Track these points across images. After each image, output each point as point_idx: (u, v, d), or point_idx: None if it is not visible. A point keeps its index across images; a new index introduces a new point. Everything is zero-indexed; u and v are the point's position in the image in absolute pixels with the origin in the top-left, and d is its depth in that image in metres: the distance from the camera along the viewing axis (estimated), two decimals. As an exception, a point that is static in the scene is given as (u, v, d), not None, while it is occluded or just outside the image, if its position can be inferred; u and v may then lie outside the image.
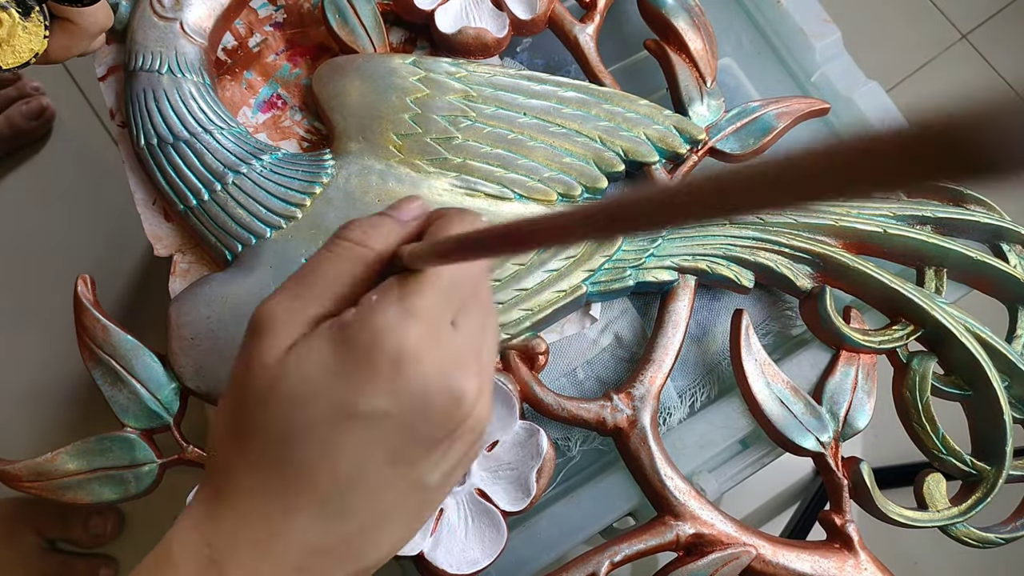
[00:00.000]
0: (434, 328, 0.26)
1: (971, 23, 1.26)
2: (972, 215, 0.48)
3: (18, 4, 0.36)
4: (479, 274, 0.29)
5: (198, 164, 0.43)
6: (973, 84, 1.23)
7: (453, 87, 0.46)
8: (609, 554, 0.41)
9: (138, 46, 0.44)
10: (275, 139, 0.48)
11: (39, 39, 0.37)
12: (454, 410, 0.26)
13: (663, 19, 0.50)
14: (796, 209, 0.47)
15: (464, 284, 0.28)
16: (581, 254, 0.44)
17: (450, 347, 0.26)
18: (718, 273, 0.46)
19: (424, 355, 0.25)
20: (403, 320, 0.25)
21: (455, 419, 0.27)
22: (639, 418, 0.43)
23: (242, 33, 0.49)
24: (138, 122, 0.44)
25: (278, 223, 0.43)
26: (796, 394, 0.44)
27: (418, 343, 0.25)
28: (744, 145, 0.49)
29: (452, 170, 0.45)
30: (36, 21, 0.36)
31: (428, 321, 0.26)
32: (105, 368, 0.41)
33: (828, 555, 0.43)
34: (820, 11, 0.54)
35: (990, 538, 0.45)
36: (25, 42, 0.36)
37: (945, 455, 0.45)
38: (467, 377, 0.27)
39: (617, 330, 0.47)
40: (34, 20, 0.36)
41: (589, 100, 0.47)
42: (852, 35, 0.54)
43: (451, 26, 0.48)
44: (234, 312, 0.41)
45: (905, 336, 0.46)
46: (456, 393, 0.26)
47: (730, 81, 0.54)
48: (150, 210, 0.46)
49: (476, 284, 0.28)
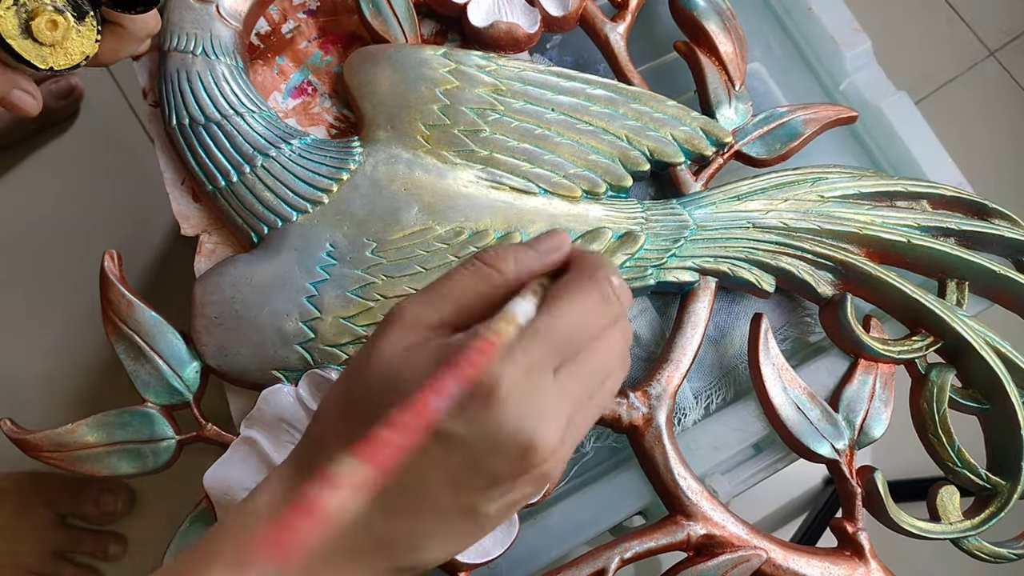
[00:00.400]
0: (530, 374, 0.27)
1: (999, 41, 1.25)
2: (996, 229, 0.48)
3: (74, 8, 0.36)
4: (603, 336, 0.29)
5: (228, 146, 0.44)
6: (1000, 102, 1.23)
7: (483, 80, 0.46)
8: (619, 551, 0.41)
9: (173, 26, 0.45)
10: (304, 125, 0.48)
11: (91, 43, 0.37)
12: (523, 457, 0.27)
13: (694, 21, 0.50)
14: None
15: (578, 342, 0.28)
16: (604, 251, 0.44)
17: (540, 397, 0.27)
18: (739, 276, 0.46)
19: (511, 398, 0.26)
20: (503, 360, 0.26)
21: (523, 465, 0.27)
22: (655, 417, 0.43)
23: (276, 19, 0.50)
24: (170, 102, 0.44)
25: (304, 207, 0.43)
26: (813, 400, 0.44)
27: (509, 385, 0.26)
28: (771, 150, 0.49)
29: (478, 162, 0.45)
30: (89, 25, 0.37)
31: (526, 367, 0.26)
32: (128, 343, 0.42)
33: (839, 562, 0.43)
34: (851, 20, 0.54)
35: (1003, 553, 0.45)
36: (78, 45, 0.37)
37: (960, 468, 0.45)
38: (546, 429, 0.27)
39: (636, 328, 0.47)
40: (88, 24, 0.37)
41: (617, 99, 0.47)
42: (879, 47, 0.54)
43: (483, 20, 0.48)
44: (258, 293, 0.42)
45: (925, 347, 0.46)
46: (529, 443, 0.26)
47: (758, 86, 0.54)
48: (179, 190, 0.46)
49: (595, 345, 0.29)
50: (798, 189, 0.47)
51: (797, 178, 0.47)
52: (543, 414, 0.27)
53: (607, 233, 0.45)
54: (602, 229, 0.45)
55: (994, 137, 1.20)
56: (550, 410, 0.27)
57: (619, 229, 0.45)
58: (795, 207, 0.47)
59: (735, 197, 0.47)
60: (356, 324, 0.41)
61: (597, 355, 0.29)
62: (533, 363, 0.27)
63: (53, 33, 0.36)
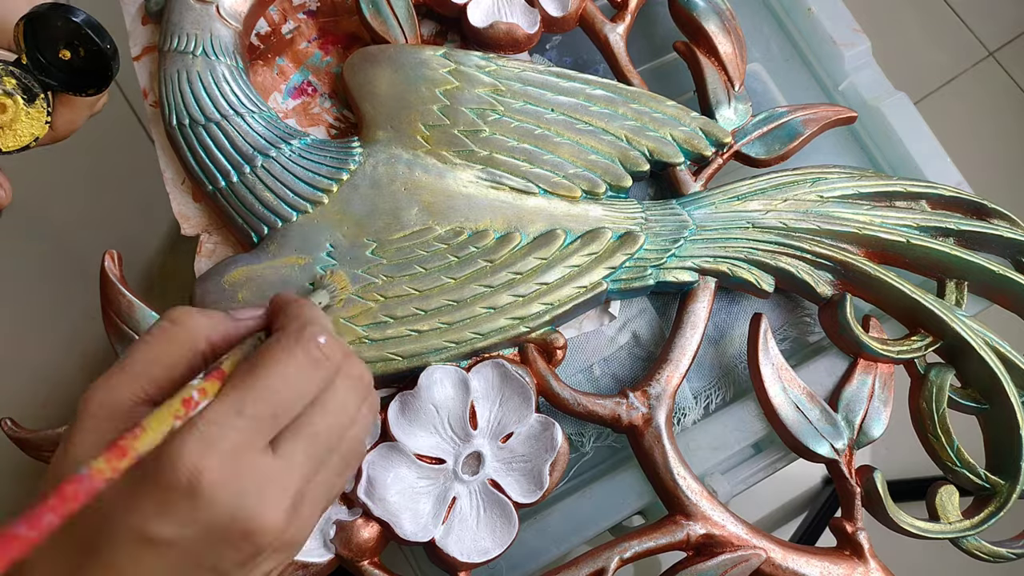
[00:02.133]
0: (237, 454, 0.25)
1: (999, 41, 1.25)
2: (996, 229, 0.48)
3: (24, 91, 0.37)
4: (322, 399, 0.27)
5: (228, 146, 0.44)
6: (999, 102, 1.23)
7: (482, 80, 0.46)
8: (619, 550, 0.41)
9: (174, 27, 0.45)
10: (304, 125, 0.48)
11: (41, 124, 0.38)
12: (247, 541, 0.25)
13: (694, 21, 0.50)
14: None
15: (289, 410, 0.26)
16: (603, 251, 0.44)
17: (254, 476, 0.25)
18: (738, 276, 0.46)
19: (219, 487, 0.24)
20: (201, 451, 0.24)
21: (250, 548, 0.25)
22: (654, 416, 0.43)
23: (276, 19, 0.50)
24: (170, 102, 0.44)
25: (304, 207, 0.43)
26: (812, 400, 0.44)
27: (214, 476, 0.24)
28: (770, 150, 0.49)
29: (478, 163, 0.45)
30: (40, 107, 0.37)
31: (231, 448, 0.25)
32: (129, 343, 0.42)
33: (838, 562, 0.43)
34: (850, 20, 0.54)
35: (1001, 552, 0.45)
36: (27, 127, 0.37)
37: (959, 467, 0.45)
38: (269, 507, 0.25)
39: (635, 328, 0.47)
40: (37, 107, 0.37)
41: (616, 99, 0.47)
42: (878, 48, 0.54)
43: (483, 20, 0.48)
44: (258, 294, 0.42)
45: (924, 347, 0.46)
46: (249, 527, 0.25)
47: (758, 86, 0.54)
48: (179, 189, 0.46)
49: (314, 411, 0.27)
50: (797, 189, 0.47)
51: (796, 178, 0.48)
52: (261, 493, 0.25)
53: (607, 233, 0.45)
54: (602, 229, 0.45)
55: (993, 137, 1.20)
56: (269, 487, 0.25)
57: (619, 229, 0.45)
58: (794, 207, 0.47)
59: (735, 197, 0.47)
60: (356, 324, 0.41)
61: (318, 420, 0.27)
62: (237, 442, 0.25)
63: (2, 116, 0.36)
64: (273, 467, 0.26)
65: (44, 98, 0.37)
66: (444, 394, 0.41)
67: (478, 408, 0.41)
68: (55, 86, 0.37)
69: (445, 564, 0.40)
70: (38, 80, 0.37)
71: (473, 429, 0.41)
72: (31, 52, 0.37)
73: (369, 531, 0.39)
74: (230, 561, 0.26)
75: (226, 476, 0.24)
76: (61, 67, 0.37)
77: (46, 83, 0.37)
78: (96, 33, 0.36)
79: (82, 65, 0.37)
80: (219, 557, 0.25)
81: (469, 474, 0.40)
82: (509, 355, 0.43)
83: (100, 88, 0.38)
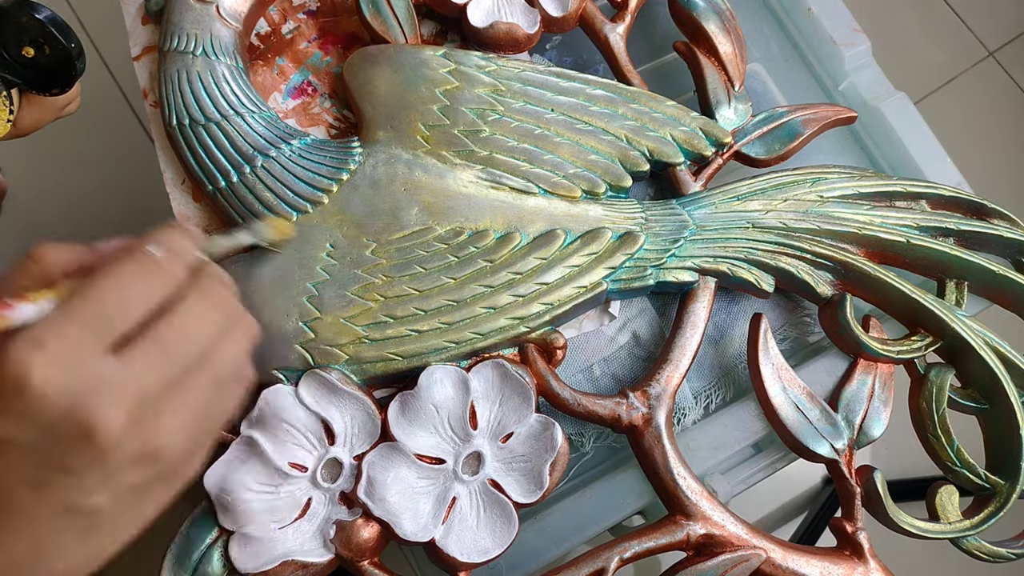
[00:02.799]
0: (69, 357, 0.25)
1: (999, 41, 1.25)
2: (996, 229, 0.48)
3: None
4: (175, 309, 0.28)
5: (228, 146, 0.44)
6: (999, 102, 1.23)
7: (483, 80, 0.46)
8: (619, 550, 0.41)
9: (174, 27, 0.45)
10: (304, 125, 0.48)
11: (2, 123, 0.37)
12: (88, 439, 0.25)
13: (694, 21, 0.50)
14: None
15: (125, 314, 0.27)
16: (603, 251, 0.44)
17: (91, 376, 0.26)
18: (738, 276, 0.46)
19: (49, 383, 0.25)
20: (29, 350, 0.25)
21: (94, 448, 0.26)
22: (654, 416, 0.43)
23: (275, 19, 0.50)
24: (171, 102, 0.44)
25: (304, 207, 0.43)
26: (812, 400, 0.44)
27: (44, 372, 0.25)
28: (770, 150, 0.49)
29: (478, 163, 0.45)
30: (2, 106, 0.37)
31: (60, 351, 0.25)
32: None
33: (838, 562, 0.43)
34: (850, 20, 0.54)
35: (1001, 552, 0.45)
36: None
37: (959, 467, 0.45)
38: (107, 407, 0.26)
39: (635, 329, 0.47)
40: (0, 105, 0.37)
41: (616, 99, 0.47)
42: (878, 48, 0.54)
43: (483, 20, 0.48)
44: (258, 293, 0.42)
45: (924, 347, 0.46)
46: (87, 423, 0.25)
47: (758, 86, 0.54)
48: (179, 189, 0.46)
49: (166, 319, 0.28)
50: (797, 189, 0.47)
51: (796, 178, 0.48)
52: (96, 392, 0.25)
53: (607, 233, 0.45)
54: (602, 229, 0.45)
55: (993, 137, 1.20)
56: (104, 386, 0.26)
57: (619, 229, 0.45)
58: (794, 207, 0.47)
59: (735, 197, 0.47)
60: (356, 324, 0.41)
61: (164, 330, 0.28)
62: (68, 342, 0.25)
63: None
64: (110, 368, 0.26)
65: (7, 96, 0.37)
66: (444, 394, 0.41)
67: (478, 408, 0.41)
68: (18, 83, 0.37)
69: (445, 564, 0.40)
70: (1, 77, 0.37)
71: (473, 429, 0.41)
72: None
73: (369, 531, 0.39)
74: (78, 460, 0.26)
75: (56, 373, 0.25)
76: (26, 65, 0.37)
77: (9, 80, 0.37)
78: (61, 32, 0.36)
79: (47, 64, 0.37)
80: (64, 455, 0.26)
81: (469, 474, 0.40)
82: (509, 355, 0.43)
83: (64, 88, 0.38)
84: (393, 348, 0.41)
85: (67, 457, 0.26)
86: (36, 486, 0.26)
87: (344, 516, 0.39)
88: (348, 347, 0.41)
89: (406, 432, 0.40)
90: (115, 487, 0.27)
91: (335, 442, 0.40)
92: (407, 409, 0.40)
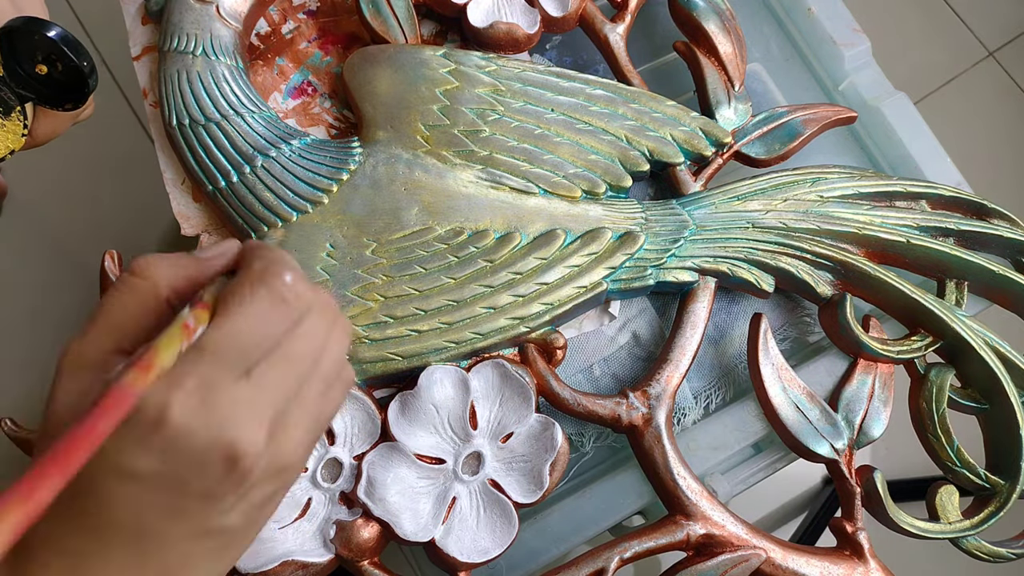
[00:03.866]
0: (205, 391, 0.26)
1: (999, 41, 1.25)
2: (996, 229, 0.48)
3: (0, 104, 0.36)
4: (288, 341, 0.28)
5: (228, 146, 0.44)
6: (999, 102, 1.23)
7: (483, 80, 0.46)
8: (619, 550, 0.41)
9: (174, 27, 0.45)
10: (304, 125, 0.48)
11: (17, 137, 0.37)
12: (232, 465, 0.26)
13: (694, 21, 0.50)
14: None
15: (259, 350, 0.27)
16: (603, 251, 0.44)
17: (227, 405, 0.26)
18: (738, 276, 0.46)
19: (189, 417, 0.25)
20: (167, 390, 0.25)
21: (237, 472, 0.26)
22: (654, 416, 0.43)
23: (275, 19, 0.50)
24: (170, 102, 0.44)
25: (304, 207, 0.43)
26: (812, 400, 0.44)
27: (181, 408, 0.25)
28: (770, 150, 0.49)
29: (478, 163, 0.45)
30: (16, 120, 0.37)
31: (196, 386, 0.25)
32: (129, 343, 0.42)
33: (838, 562, 0.43)
34: (850, 20, 0.54)
35: (1001, 552, 0.45)
36: (2, 139, 0.37)
37: (959, 467, 0.45)
38: (245, 430, 0.26)
39: (635, 329, 0.47)
40: (14, 119, 0.37)
41: (616, 99, 0.47)
42: (878, 48, 0.54)
43: (483, 20, 0.48)
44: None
45: (924, 347, 0.46)
46: (231, 450, 0.26)
47: (758, 86, 0.54)
48: (179, 189, 0.46)
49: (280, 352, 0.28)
50: (797, 189, 0.47)
51: (796, 178, 0.48)
52: (235, 418, 0.26)
53: (607, 233, 0.45)
54: (602, 229, 0.45)
55: (993, 137, 1.20)
56: (242, 411, 0.26)
57: (619, 229, 0.45)
58: (794, 207, 0.47)
59: (735, 197, 0.47)
60: (356, 324, 0.41)
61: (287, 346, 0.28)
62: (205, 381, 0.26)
63: None
64: (244, 392, 0.26)
65: (20, 111, 0.37)
66: (444, 394, 0.41)
67: (478, 408, 0.41)
68: (32, 99, 0.37)
69: (445, 564, 0.40)
70: (15, 93, 0.37)
71: (473, 429, 0.41)
72: (8, 64, 0.36)
73: (369, 531, 0.39)
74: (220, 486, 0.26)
75: (194, 407, 0.25)
76: (40, 80, 0.37)
77: (23, 96, 0.37)
78: (72, 49, 0.36)
79: (60, 79, 0.37)
80: (208, 483, 0.26)
81: (469, 474, 0.40)
82: (509, 355, 0.43)
83: (77, 104, 0.38)
84: (393, 348, 0.41)
85: (210, 484, 0.26)
86: (172, 514, 0.26)
87: (344, 516, 0.39)
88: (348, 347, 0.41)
89: (406, 432, 0.40)
90: (247, 504, 0.27)
91: (335, 442, 0.40)
92: (407, 409, 0.41)
